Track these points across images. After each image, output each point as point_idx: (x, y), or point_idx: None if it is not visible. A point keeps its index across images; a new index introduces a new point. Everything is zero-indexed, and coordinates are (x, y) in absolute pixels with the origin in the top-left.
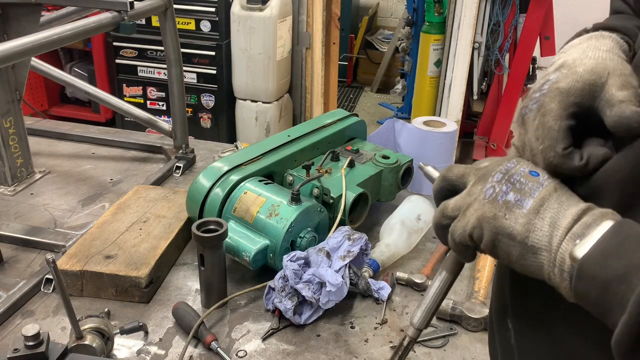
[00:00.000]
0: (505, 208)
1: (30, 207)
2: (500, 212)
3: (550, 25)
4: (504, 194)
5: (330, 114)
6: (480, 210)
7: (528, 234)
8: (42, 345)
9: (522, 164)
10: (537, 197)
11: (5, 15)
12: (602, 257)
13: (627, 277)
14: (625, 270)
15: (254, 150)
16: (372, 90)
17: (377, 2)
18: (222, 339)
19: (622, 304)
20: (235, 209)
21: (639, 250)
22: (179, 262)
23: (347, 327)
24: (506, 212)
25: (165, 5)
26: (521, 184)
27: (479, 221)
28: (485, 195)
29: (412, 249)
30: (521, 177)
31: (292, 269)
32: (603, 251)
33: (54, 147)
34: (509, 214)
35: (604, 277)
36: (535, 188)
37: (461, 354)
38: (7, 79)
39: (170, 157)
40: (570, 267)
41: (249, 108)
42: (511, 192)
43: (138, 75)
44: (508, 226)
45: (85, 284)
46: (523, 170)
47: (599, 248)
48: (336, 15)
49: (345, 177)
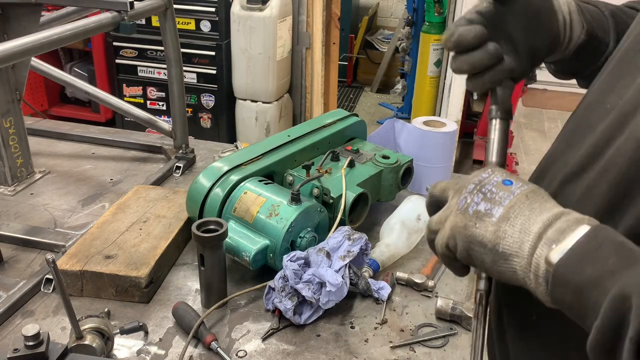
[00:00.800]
0: (475, 218)
1: (30, 207)
2: (470, 222)
3: None
4: (475, 204)
5: (330, 114)
6: (453, 221)
7: (498, 240)
8: (42, 345)
9: (496, 173)
10: (507, 205)
11: (5, 15)
12: (577, 263)
13: (600, 282)
14: (598, 275)
15: (254, 150)
16: (372, 90)
17: (377, 2)
18: (222, 339)
19: (595, 309)
20: (235, 209)
21: (613, 256)
22: (179, 262)
23: (347, 327)
24: (477, 221)
25: (165, 5)
26: (492, 194)
27: (452, 232)
28: (459, 207)
29: (412, 249)
30: (493, 186)
31: (292, 269)
32: (578, 256)
33: (54, 147)
34: (479, 223)
35: (578, 282)
36: (505, 197)
37: (461, 354)
38: (7, 79)
39: (170, 157)
40: (546, 272)
41: (249, 108)
42: (482, 202)
43: (138, 75)
44: (478, 234)
45: (85, 284)
46: (496, 179)
47: (574, 253)
48: (336, 15)
49: (345, 177)
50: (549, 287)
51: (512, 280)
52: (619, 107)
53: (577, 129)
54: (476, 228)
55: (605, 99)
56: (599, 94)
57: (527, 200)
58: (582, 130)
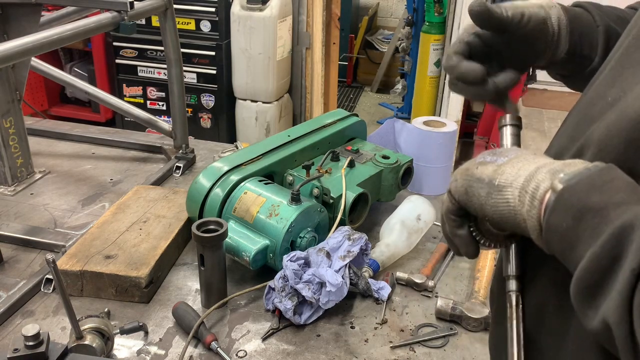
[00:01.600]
0: (480, 164)
1: (30, 207)
2: (473, 166)
3: None
4: (483, 157)
5: (330, 114)
6: (460, 170)
7: (496, 176)
8: (42, 345)
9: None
10: (512, 157)
11: (5, 15)
12: (584, 190)
13: (604, 211)
14: (604, 205)
15: (254, 150)
16: (372, 90)
17: (377, 2)
18: (222, 339)
19: (592, 236)
20: (235, 209)
21: (623, 191)
22: (179, 262)
23: (347, 327)
24: (479, 165)
25: (165, 5)
26: (502, 151)
27: (456, 176)
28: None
29: (412, 249)
30: (507, 150)
31: (292, 269)
32: (586, 185)
33: (54, 147)
34: (481, 167)
35: (581, 207)
36: (513, 152)
37: (461, 354)
38: (7, 79)
39: (170, 157)
40: (547, 195)
41: (249, 108)
42: (490, 155)
43: (138, 75)
44: (478, 173)
45: (85, 284)
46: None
47: (583, 182)
48: (336, 15)
49: (345, 177)
50: (547, 212)
51: (505, 214)
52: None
53: (579, 123)
54: (477, 170)
55: (607, 93)
56: (601, 89)
57: (534, 154)
58: (585, 123)
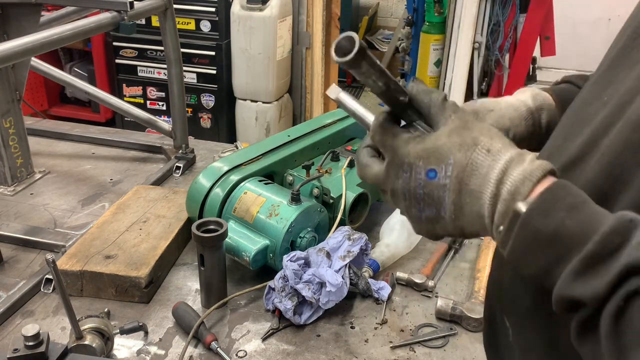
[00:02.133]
0: (431, 222)
1: (30, 207)
2: (430, 226)
3: (551, 25)
4: (420, 211)
5: (330, 114)
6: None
7: (462, 230)
8: (42, 345)
9: (414, 169)
10: (448, 202)
11: (5, 15)
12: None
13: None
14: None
15: (254, 150)
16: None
17: (377, 2)
18: (222, 339)
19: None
20: (235, 209)
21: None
22: (179, 262)
23: (347, 327)
24: (435, 225)
25: (165, 5)
26: (428, 197)
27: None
28: (408, 214)
29: (412, 249)
30: (423, 188)
31: (292, 269)
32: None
33: (53, 147)
34: (437, 225)
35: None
36: (442, 194)
37: (461, 354)
38: (7, 78)
39: (170, 157)
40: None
41: (249, 108)
42: (426, 207)
43: (138, 75)
44: (442, 231)
45: (85, 284)
46: (420, 178)
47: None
48: (336, 15)
49: (345, 177)
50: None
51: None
52: (617, 98)
53: (574, 123)
54: (437, 229)
55: (602, 94)
56: (596, 90)
57: (460, 184)
58: (580, 123)
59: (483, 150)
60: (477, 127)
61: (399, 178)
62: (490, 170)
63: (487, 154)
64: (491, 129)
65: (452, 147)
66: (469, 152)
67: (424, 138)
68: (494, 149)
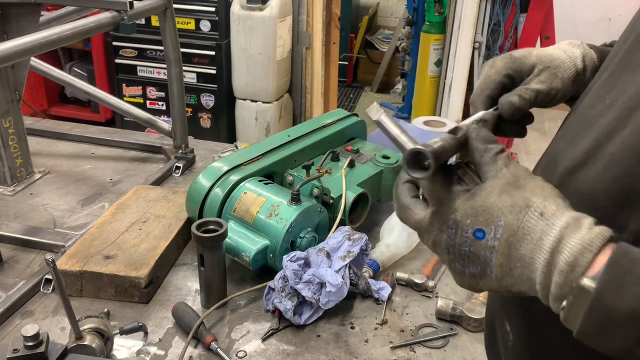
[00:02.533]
0: (474, 279)
1: (29, 207)
2: (474, 282)
3: (551, 25)
4: (465, 267)
5: (330, 114)
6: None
7: (509, 288)
8: (42, 346)
9: (460, 226)
10: (495, 263)
11: (5, 15)
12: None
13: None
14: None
15: (254, 150)
16: (372, 90)
17: (377, 2)
18: (222, 339)
19: None
20: (235, 209)
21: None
22: (178, 262)
23: (347, 327)
24: (479, 281)
25: (165, 5)
26: (473, 255)
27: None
28: (450, 267)
29: (412, 249)
30: (469, 247)
31: (292, 269)
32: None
33: (53, 147)
34: (481, 282)
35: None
36: (489, 255)
37: (461, 354)
38: (7, 78)
39: (170, 157)
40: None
41: (249, 108)
42: (470, 264)
43: (138, 75)
44: (487, 288)
45: (84, 284)
46: (466, 237)
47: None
48: (336, 15)
49: (345, 177)
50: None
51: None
52: (622, 103)
53: (577, 126)
54: (481, 285)
55: (606, 97)
56: (600, 93)
57: (510, 248)
58: (583, 127)
59: (536, 214)
60: (529, 186)
61: (443, 232)
62: (543, 236)
63: (540, 217)
64: (544, 187)
65: (502, 208)
66: (521, 214)
67: (473, 194)
68: (547, 212)
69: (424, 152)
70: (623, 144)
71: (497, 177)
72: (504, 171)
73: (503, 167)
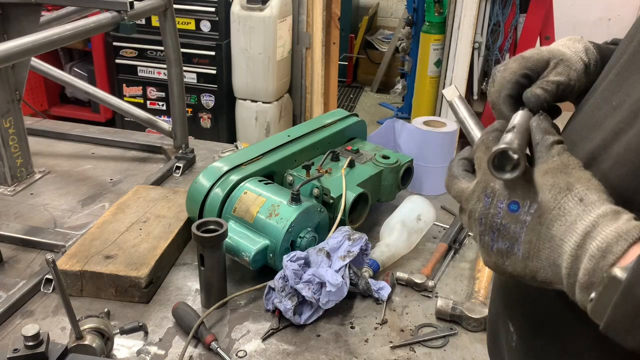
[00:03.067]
0: (501, 256)
1: (30, 207)
2: (499, 261)
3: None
4: (493, 241)
5: (330, 114)
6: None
7: (533, 274)
8: (42, 346)
9: (497, 196)
10: (524, 240)
11: (5, 15)
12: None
13: None
14: None
15: (254, 150)
16: (372, 90)
17: (377, 2)
18: (222, 339)
19: None
20: (235, 209)
21: None
22: (179, 262)
23: (347, 327)
24: (505, 259)
25: (165, 5)
26: (504, 228)
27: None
28: (480, 241)
29: (412, 249)
30: (501, 219)
31: (292, 269)
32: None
33: (53, 147)
34: (507, 261)
35: None
36: (519, 230)
37: (461, 354)
38: (7, 79)
39: (170, 157)
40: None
41: (249, 108)
42: (499, 239)
43: (138, 75)
44: (512, 270)
45: (85, 284)
46: (500, 207)
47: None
48: (336, 15)
49: (345, 177)
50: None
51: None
52: (629, 105)
53: (582, 127)
54: (507, 265)
55: (612, 98)
56: (606, 94)
57: (541, 226)
58: (588, 128)
59: (575, 198)
60: (576, 175)
61: (480, 201)
62: (578, 219)
63: (579, 202)
64: (591, 180)
65: (542, 186)
66: (560, 195)
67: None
68: (587, 199)
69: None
70: (629, 145)
71: (547, 162)
72: (555, 158)
73: (555, 155)
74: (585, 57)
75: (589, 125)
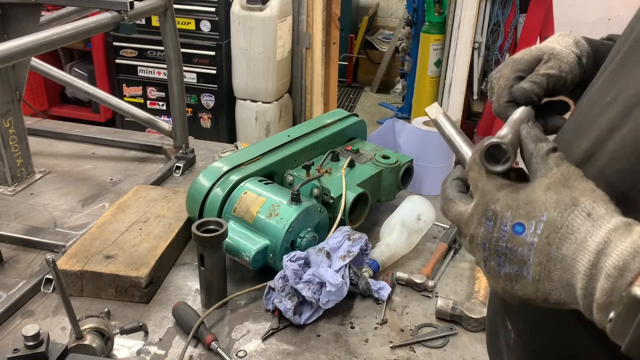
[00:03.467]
0: (509, 281)
1: (30, 207)
2: (508, 286)
3: (550, 25)
4: (500, 266)
5: (330, 114)
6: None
7: (545, 297)
8: (42, 345)
9: (500, 218)
10: (533, 263)
11: (5, 15)
12: None
13: None
14: None
15: (254, 150)
16: (372, 90)
17: (377, 2)
18: (222, 339)
19: None
20: (235, 209)
21: None
22: (179, 262)
23: (347, 327)
24: (514, 284)
25: (165, 5)
26: (510, 252)
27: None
28: (485, 267)
29: (412, 249)
30: (506, 242)
31: (292, 269)
32: None
33: (54, 147)
34: (517, 285)
35: None
36: (527, 253)
37: (461, 354)
38: (7, 79)
39: (170, 157)
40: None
41: (249, 108)
42: (506, 263)
43: (138, 75)
44: (523, 294)
45: (85, 284)
46: (505, 230)
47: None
48: (336, 15)
49: (345, 177)
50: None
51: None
52: (623, 101)
53: (578, 125)
54: (516, 290)
55: (606, 95)
56: (601, 91)
57: (550, 247)
58: (584, 125)
59: (582, 213)
60: (579, 187)
61: (481, 225)
62: (588, 236)
63: (587, 218)
64: (595, 191)
65: (546, 203)
66: (566, 212)
67: (518, 188)
68: (595, 213)
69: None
70: (624, 141)
71: (547, 175)
72: (554, 170)
73: (554, 167)
74: (576, 49)
75: (584, 122)
